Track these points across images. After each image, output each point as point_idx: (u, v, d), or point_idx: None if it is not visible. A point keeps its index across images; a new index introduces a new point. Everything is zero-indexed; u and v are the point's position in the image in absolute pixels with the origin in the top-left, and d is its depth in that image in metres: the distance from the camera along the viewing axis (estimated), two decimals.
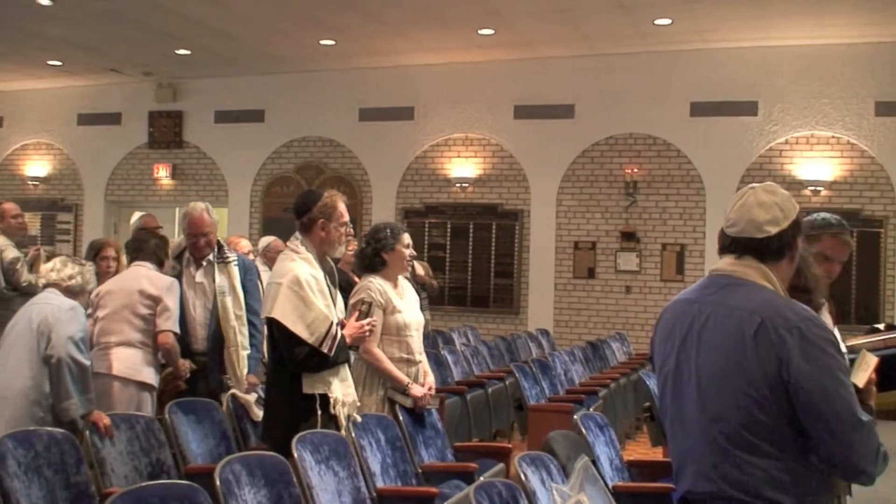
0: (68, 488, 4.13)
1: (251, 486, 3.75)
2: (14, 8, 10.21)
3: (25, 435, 4.12)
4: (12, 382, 4.57)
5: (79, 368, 4.60)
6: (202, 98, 13.98)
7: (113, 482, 4.45)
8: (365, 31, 11.19)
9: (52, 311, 4.72)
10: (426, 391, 5.32)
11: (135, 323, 5.20)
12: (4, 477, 3.90)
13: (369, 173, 13.17)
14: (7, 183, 15.18)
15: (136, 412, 4.95)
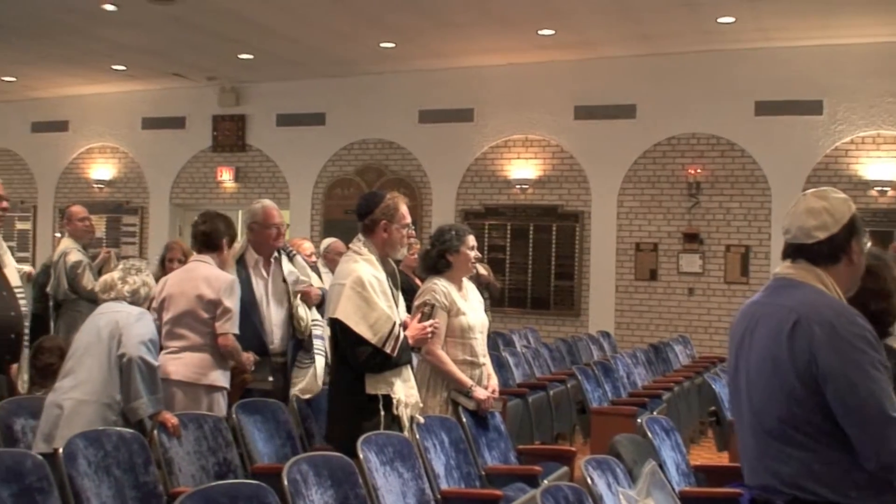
0: (137, 488, 4.18)
1: (318, 486, 3.77)
2: (79, 13, 10.39)
3: (96, 435, 4.18)
4: (85, 387, 4.63)
5: (148, 369, 4.65)
6: (264, 102, 14.12)
7: (180, 482, 4.49)
8: (425, 33, 11.21)
9: (121, 317, 4.79)
10: (489, 394, 5.30)
11: (197, 327, 5.19)
12: (75, 476, 3.97)
13: (429, 175, 13.19)
14: (73, 186, 15.46)
15: (204, 412, 4.99)
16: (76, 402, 4.58)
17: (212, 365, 5.21)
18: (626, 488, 4.27)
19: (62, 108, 15.49)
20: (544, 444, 7.69)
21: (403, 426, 4.58)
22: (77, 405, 4.57)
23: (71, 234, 8.20)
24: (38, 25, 10.89)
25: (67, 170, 15.58)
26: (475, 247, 5.45)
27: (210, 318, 5.18)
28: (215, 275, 5.31)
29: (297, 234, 12.63)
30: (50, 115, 15.60)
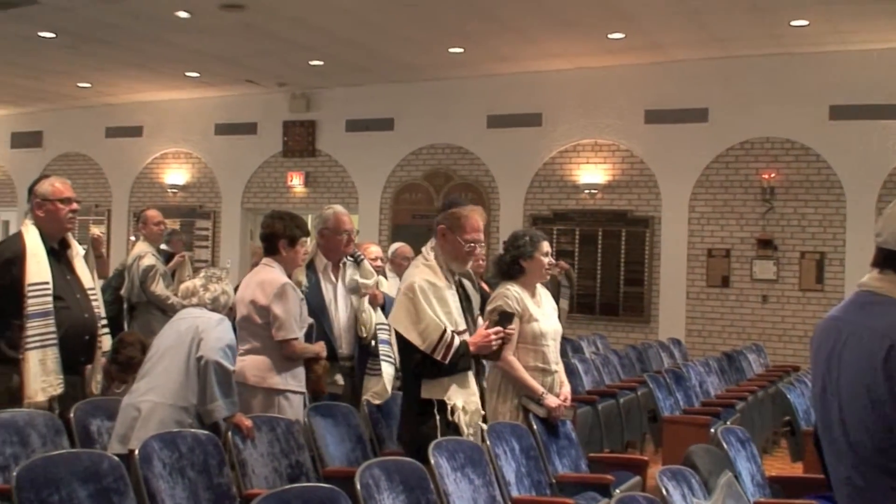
0: (211, 489, 4.22)
1: (390, 490, 3.78)
2: (154, 21, 10.56)
3: (171, 437, 4.23)
4: (162, 390, 4.69)
5: (224, 372, 4.69)
6: (334, 107, 14.23)
7: (254, 483, 4.53)
8: (493, 38, 11.19)
9: (201, 322, 4.86)
10: (561, 402, 5.25)
11: (256, 332, 5.20)
12: (150, 477, 4.02)
13: (497, 180, 13.17)
14: (147, 191, 15.74)
15: (276, 415, 5.03)
16: (153, 404, 4.64)
17: (271, 368, 5.20)
18: (702, 499, 4.21)
19: (137, 114, 15.79)
20: (614, 452, 7.60)
21: (462, 432, 4.55)
22: (153, 407, 4.63)
23: (146, 238, 8.34)
24: (112, 32, 11.10)
25: (142, 174, 15.87)
26: (549, 253, 5.42)
27: (265, 324, 5.20)
28: (269, 279, 5.28)
29: (365, 238, 12.68)
30: (124, 121, 15.92)
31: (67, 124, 16.56)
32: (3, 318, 4.92)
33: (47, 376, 4.85)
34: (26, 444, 4.51)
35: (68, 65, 12.94)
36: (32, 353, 4.82)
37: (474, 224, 4.66)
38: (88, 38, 11.39)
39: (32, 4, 9.86)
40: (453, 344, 4.49)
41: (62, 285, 5.02)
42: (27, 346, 4.82)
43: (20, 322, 4.85)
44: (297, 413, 5.19)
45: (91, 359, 5.23)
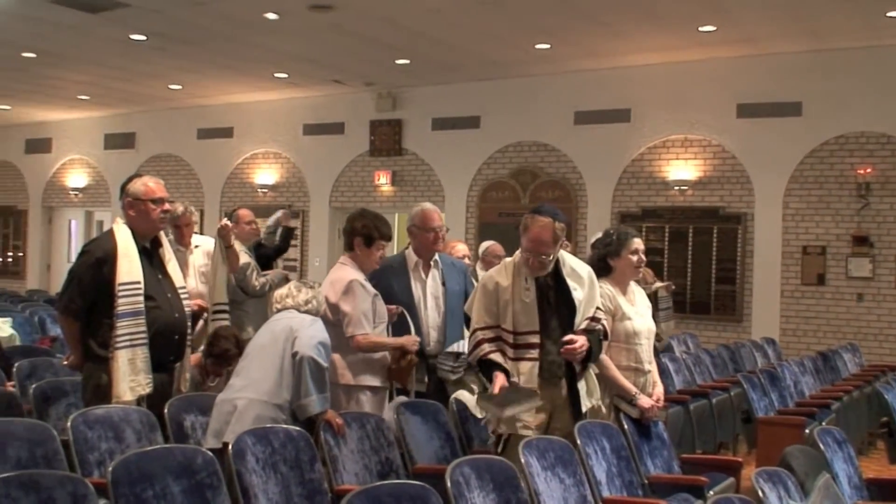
0: (303, 484, 4.25)
1: (480, 489, 3.75)
2: (243, 23, 10.70)
3: (263, 432, 4.27)
4: (257, 387, 4.74)
5: (318, 368, 4.72)
6: (420, 106, 14.27)
7: (344, 480, 4.55)
8: (581, 33, 11.09)
9: (295, 322, 4.92)
10: (654, 402, 5.16)
11: (330, 330, 5.19)
12: (244, 472, 4.06)
13: (584, 177, 13.05)
14: (238, 190, 15.99)
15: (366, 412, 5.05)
16: (248, 401, 4.69)
17: (347, 365, 5.27)
18: (798, 502, 4.11)
19: (227, 115, 16.06)
20: (706, 453, 7.48)
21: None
22: (249, 404, 4.68)
23: (238, 237, 8.44)
24: (203, 35, 11.29)
25: (232, 175, 16.13)
26: (639, 250, 5.29)
27: (337, 321, 5.26)
28: (338, 277, 5.37)
29: (452, 237, 12.68)
30: (215, 122, 16.21)
31: (159, 126, 16.93)
32: (93, 316, 4.98)
33: (136, 376, 4.88)
34: (121, 440, 4.60)
35: (160, 67, 13.21)
36: (122, 352, 4.85)
37: (532, 235, 4.62)
38: (179, 41, 11.60)
39: (124, 7, 10.08)
40: (479, 346, 4.67)
41: (153, 285, 5.05)
42: (117, 345, 4.85)
43: (110, 321, 4.89)
44: (379, 408, 5.21)
45: (180, 357, 5.28)
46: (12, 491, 3.30)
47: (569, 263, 4.78)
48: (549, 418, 4.68)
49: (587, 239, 10.86)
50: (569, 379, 4.71)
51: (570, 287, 4.69)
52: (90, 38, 11.50)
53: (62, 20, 10.60)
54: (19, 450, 4.26)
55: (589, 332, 4.68)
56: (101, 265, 4.92)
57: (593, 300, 4.78)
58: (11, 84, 14.64)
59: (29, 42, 11.86)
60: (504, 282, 4.68)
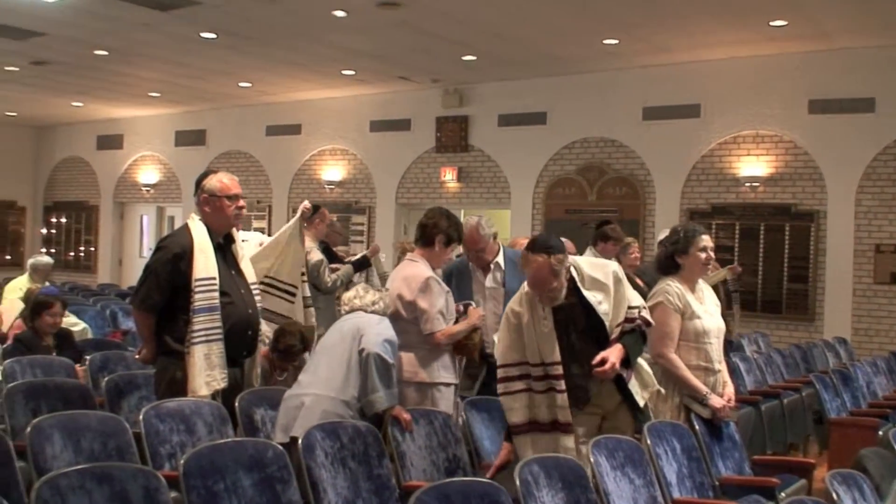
0: (371, 480, 4.26)
1: (549, 487, 3.73)
2: (312, 20, 10.77)
3: (332, 427, 4.30)
4: (326, 384, 4.77)
5: (384, 365, 4.74)
6: (486, 102, 14.23)
7: (412, 476, 4.56)
8: (650, 29, 10.96)
9: (362, 321, 4.96)
10: (725, 402, 5.08)
11: (404, 327, 5.24)
12: (313, 467, 4.08)
13: (653, 173, 12.89)
14: (305, 187, 16.11)
15: (433, 408, 5.05)
16: (315, 397, 4.72)
17: (422, 362, 5.27)
18: None
19: (295, 112, 16.19)
20: (776, 454, 7.37)
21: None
22: (316, 400, 4.71)
23: (311, 233, 8.49)
24: (272, 33, 11.38)
25: (300, 171, 16.25)
26: (707, 247, 5.22)
27: (413, 318, 5.25)
28: (413, 274, 5.35)
29: (518, 233, 12.66)
30: (284, 119, 16.35)
31: (229, 123, 17.13)
32: (169, 312, 5.04)
33: (212, 371, 4.94)
34: (192, 433, 4.66)
35: (229, 65, 13.35)
36: (198, 347, 4.92)
37: (530, 277, 4.45)
38: (248, 38, 11.71)
39: (195, 5, 10.20)
40: (503, 383, 4.58)
41: (227, 281, 5.10)
42: (193, 340, 4.91)
43: (186, 316, 4.95)
44: (450, 404, 5.21)
45: (252, 352, 5.33)
46: (86, 482, 3.36)
47: (586, 274, 4.54)
48: (602, 420, 4.60)
49: (655, 236, 10.77)
50: (616, 381, 4.56)
51: (593, 303, 4.47)
52: (161, 36, 11.66)
53: (134, 18, 10.76)
54: (92, 442, 4.34)
55: (625, 334, 4.52)
56: (178, 261, 4.99)
57: (622, 301, 4.54)
58: (84, 81, 14.91)
59: (101, 40, 12.06)
60: (523, 313, 4.52)
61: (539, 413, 4.45)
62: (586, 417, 4.51)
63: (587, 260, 4.79)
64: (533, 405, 4.47)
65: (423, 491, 3.26)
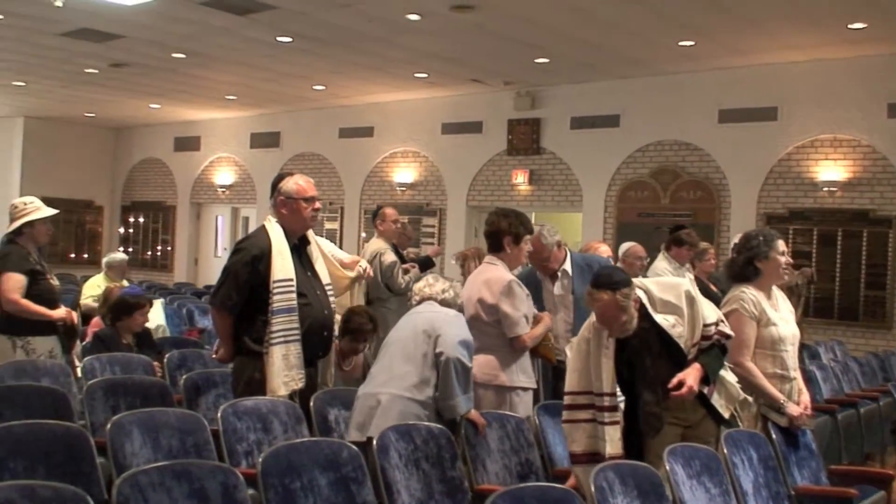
0: (444, 482, 4.28)
1: (624, 495, 3.70)
2: (386, 24, 10.83)
3: (406, 429, 4.32)
4: (400, 383, 4.78)
5: (463, 369, 4.74)
6: (559, 105, 14.18)
7: (485, 479, 4.56)
8: (726, 30, 10.82)
9: (437, 317, 4.93)
10: (802, 410, 5.02)
11: (484, 329, 5.23)
12: (387, 468, 4.11)
13: (728, 177, 12.71)
14: (377, 189, 16.22)
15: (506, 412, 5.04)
16: (391, 396, 4.74)
17: (501, 366, 5.26)
18: None
19: (368, 115, 16.30)
20: (853, 464, 7.22)
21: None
22: (392, 400, 4.73)
23: (381, 234, 8.56)
24: (346, 36, 11.47)
25: (372, 173, 16.36)
26: (786, 252, 5.17)
27: (494, 321, 5.22)
28: (494, 277, 5.32)
29: (589, 236, 12.59)
30: (356, 122, 16.48)
31: (303, 125, 17.32)
32: (248, 312, 5.12)
33: (289, 371, 5.01)
34: (268, 431, 4.72)
35: (304, 68, 13.50)
36: (276, 348, 4.99)
37: (597, 315, 4.34)
38: (323, 42, 11.83)
39: (271, 10, 10.33)
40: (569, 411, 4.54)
41: (304, 282, 5.17)
42: (271, 341, 4.99)
43: (265, 318, 5.03)
44: (528, 408, 5.20)
45: (327, 352, 5.40)
46: (166, 480, 3.42)
47: (657, 297, 4.38)
48: (686, 429, 4.52)
49: (729, 241, 10.62)
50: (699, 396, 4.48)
51: (666, 327, 4.33)
52: (238, 40, 11.83)
53: (211, 22, 10.94)
54: (171, 438, 4.42)
55: (702, 352, 4.43)
56: (257, 262, 5.06)
57: (697, 321, 4.39)
58: (162, 84, 15.20)
59: (179, 43, 12.28)
60: (591, 339, 4.42)
61: (601, 445, 4.34)
62: (668, 428, 4.42)
63: (656, 282, 4.65)
64: (596, 436, 4.37)
65: (498, 495, 3.26)
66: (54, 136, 19.93)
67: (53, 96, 16.84)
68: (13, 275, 6.08)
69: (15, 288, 6.05)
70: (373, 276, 7.45)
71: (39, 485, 3.16)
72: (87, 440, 4.12)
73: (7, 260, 6.16)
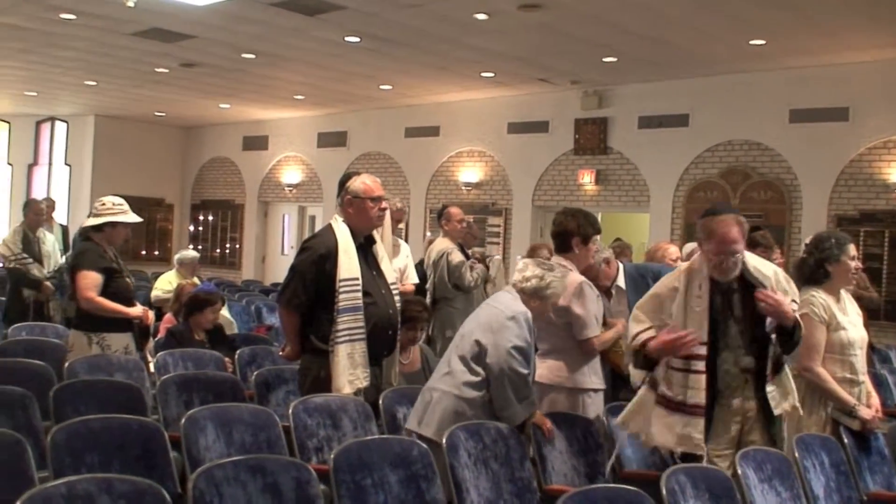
0: (512, 482, 4.29)
1: (695, 498, 3.68)
2: (453, 23, 10.85)
3: (475, 428, 4.34)
4: (450, 380, 4.75)
5: (517, 376, 4.60)
6: (626, 104, 14.08)
7: (553, 480, 4.56)
8: (797, 30, 10.65)
9: (495, 316, 4.78)
10: (874, 413, 4.95)
11: (555, 332, 5.21)
12: (457, 467, 4.14)
13: (799, 178, 12.51)
14: (442, 188, 16.26)
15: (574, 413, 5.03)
16: (441, 393, 4.73)
17: (572, 368, 5.21)
18: None
19: (434, 114, 16.35)
20: None
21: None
22: (441, 397, 4.71)
23: (447, 234, 8.59)
24: (414, 36, 11.52)
25: (438, 172, 16.41)
26: (856, 257, 5.10)
27: (565, 324, 5.18)
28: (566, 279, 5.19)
29: (656, 237, 12.50)
30: (422, 121, 16.53)
31: (370, 125, 17.43)
32: (314, 311, 5.17)
33: (355, 370, 5.05)
34: (338, 428, 4.78)
35: (372, 68, 13.58)
36: (342, 346, 5.04)
37: (720, 236, 4.30)
38: (391, 42, 11.89)
39: (340, 10, 10.41)
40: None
41: (369, 281, 5.21)
42: (337, 340, 5.04)
43: (330, 316, 5.07)
44: (599, 409, 5.17)
45: (392, 351, 5.43)
46: (241, 474, 3.48)
47: (751, 263, 4.43)
48: (741, 430, 4.44)
49: (800, 243, 10.46)
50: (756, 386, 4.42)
51: (760, 277, 4.36)
52: (306, 40, 11.94)
53: (280, 23, 11.06)
54: (244, 434, 4.50)
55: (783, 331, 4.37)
56: (324, 261, 5.12)
57: (787, 294, 4.41)
58: (232, 84, 15.40)
59: (248, 44, 12.43)
60: (679, 287, 4.42)
61: (670, 390, 4.35)
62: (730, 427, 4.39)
63: (751, 255, 4.61)
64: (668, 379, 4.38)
65: (569, 496, 3.27)
66: (125, 134, 20.31)
67: (124, 96, 17.16)
68: (90, 273, 6.19)
69: (91, 286, 6.16)
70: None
71: (117, 478, 3.24)
72: (161, 434, 4.21)
73: (84, 257, 6.28)
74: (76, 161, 20.30)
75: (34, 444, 4.10)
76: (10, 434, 3.93)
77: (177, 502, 3.33)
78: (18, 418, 4.65)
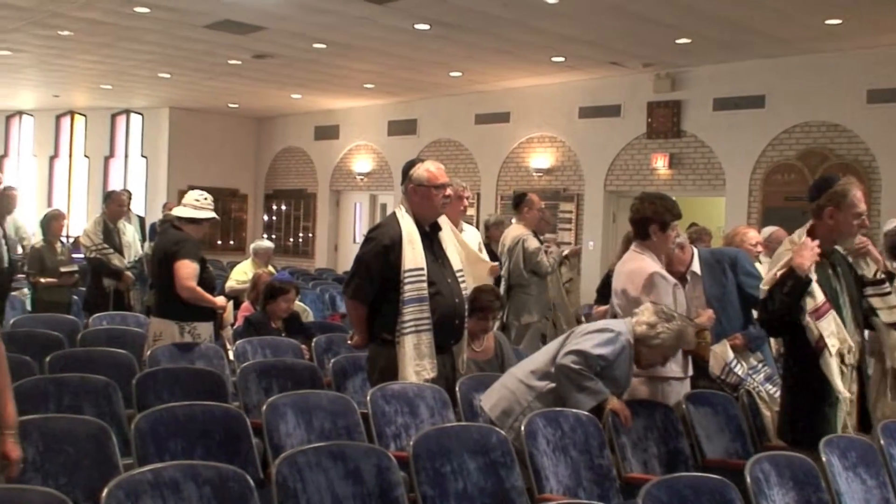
0: (591, 469, 4.27)
1: (780, 486, 3.63)
2: (524, 8, 10.79)
3: (554, 415, 4.32)
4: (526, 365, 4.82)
5: (570, 371, 4.54)
6: (700, 86, 13.87)
7: (632, 468, 4.52)
8: (873, 9, 10.38)
9: (598, 325, 4.84)
10: None
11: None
12: (535, 454, 4.12)
13: (878, 160, 12.22)
14: (513, 174, 16.21)
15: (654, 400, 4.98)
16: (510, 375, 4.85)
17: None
18: None
19: (504, 100, 16.29)
20: None
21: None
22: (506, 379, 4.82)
23: (524, 220, 8.57)
24: (484, 21, 11.47)
25: (508, 159, 16.36)
26: None
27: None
28: (638, 269, 5.09)
29: (733, 221, 12.32)
30: (492, 108, 16.48)
31: (439, 112, 17.43)
32: (380, 301, 5.16)
33: (421, 360, 5.03)
34: (415, 415, 4.80)
35: (441, 55, 13.57)
36: (408, 337, 5.02)
37: (859, 195, 4.54)
38: (461, 28, 11.86)
39: None
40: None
41: (434, 270, 5.16)
42: (403, 330, 5.02)
43: (396, 307, 5.04)
44: (679, 398, 5.10)
45: (458, 340, 5.40)
46: (323, 460, 3.52)
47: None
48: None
49: (880, 226, 10.22)
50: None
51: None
52: (377, 29, 11.98)
53: (351, 12, 11.11)
54: (323, 420, 4.54)
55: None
56: (388, 252, 5.08)
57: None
58: (303, 74, 15.52)
59: (320, 34, 12.51)
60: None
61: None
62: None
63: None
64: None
65: (653, 484, 3.24)
66: (199, 126, 20.61)
67: (198, 87, 17.41)
68: (190, 262, 6.28)
69: (192, 275, 6.26)
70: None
71: (202, 465, 3.30)
72: (243, 421, 4.27)
73: (184, 247, 6.33)
74: (152, 153, 20.68)
75: (118, 431, 4.19)
76: (94, 422, 4.02)
77: (259, 488, 3.37)
78: (102, 406, 4.76)
